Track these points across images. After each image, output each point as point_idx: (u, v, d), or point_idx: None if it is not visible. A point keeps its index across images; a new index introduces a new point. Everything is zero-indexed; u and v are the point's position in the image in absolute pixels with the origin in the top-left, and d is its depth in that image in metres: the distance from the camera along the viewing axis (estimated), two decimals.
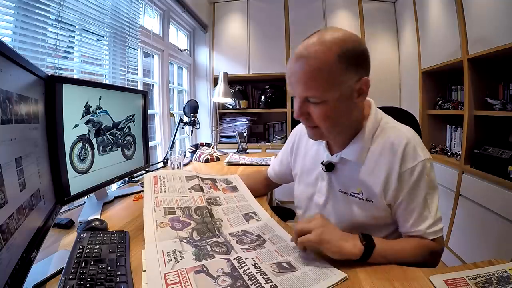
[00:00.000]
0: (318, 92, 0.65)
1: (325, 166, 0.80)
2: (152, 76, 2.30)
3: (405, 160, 0.70)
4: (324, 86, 0.65)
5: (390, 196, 0.72)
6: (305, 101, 0.69)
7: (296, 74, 0.66)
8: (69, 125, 0.83)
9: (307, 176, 0.89)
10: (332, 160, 0.80)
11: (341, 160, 0.78)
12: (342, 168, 0.79)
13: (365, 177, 0.74)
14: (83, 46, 1.42)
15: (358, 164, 0.75)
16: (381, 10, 2.91)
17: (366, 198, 0.75)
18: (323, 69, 0.63)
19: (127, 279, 0.54)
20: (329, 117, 0.69)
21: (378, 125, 0.76)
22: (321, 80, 0.64)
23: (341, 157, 0.78)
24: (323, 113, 0.68)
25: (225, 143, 2.93)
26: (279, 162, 1.08)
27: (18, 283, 0.44)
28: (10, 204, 0.45)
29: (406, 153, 0.70)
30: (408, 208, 0.71)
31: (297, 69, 0.65)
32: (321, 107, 0.67)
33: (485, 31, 1.63)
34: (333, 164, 0.80)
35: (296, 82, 0.67)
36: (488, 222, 1.61)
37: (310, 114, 0.70)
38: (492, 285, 0.52)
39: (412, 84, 2.57)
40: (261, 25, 2.95)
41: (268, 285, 0.54)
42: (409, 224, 0.71)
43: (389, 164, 0.71)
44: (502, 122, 1.81)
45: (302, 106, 0.69)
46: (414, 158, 0.70)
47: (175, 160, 1.44)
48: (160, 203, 0.80)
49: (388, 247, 0.65)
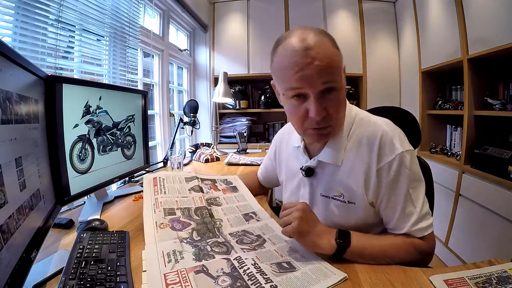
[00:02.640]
0: (336, 75, 0.64)
1: (305, 171, 0.78)
2: (152, 76, 2.30)
3: (381, 155, 0.67)
4: (337, 70, 0.64)
5: (371, 194, 0.70)
6: (321, 96, 0.63)
7: (313, 64, 0.60)
8: (69, 125, 0.83)
9: (291, 182, 0.88)
10: (310, 164, 0.78)
11: (319, 163, 0.76)
12: (321, 172, 0.77)
13: (344, 178, 0.72)
14: (83, 46, 1.42)
15: (336, 166, 0.73)
16: (381, 10, 2.91)
17: (348, 201, 0.73)
18: (332, 55, 0.63)
19: (127, 279, 0.54)
20: (341, 105, 0.68)
21: (353, 121, 0.74)
22: (334, 63, 0.63)
23: (318, 160, 0.76)
24: (338, 100, 0.66)
25: (225, 143, 2.93)
26: (264, 168, 1.09)
27: (18, 283, 0.44)
28: (10, 204, 0.45)
29: (382, 147, 0.68)
30: (388, 205, 0.69)
31: (313, 58, 0.60)
32: (335, 95, 0.65)
33: (485, 31, 1.63)
34: (312, 169, 0.78)
35: (317, 71, 0.61)
36: (488, 222, 1.61)
37: (326, 109, 0.65)
38: (492, 285, 0.52)
39: (412, 84, 2.57)
40: (261, 25, 2.95)
41: (268, 285, 0.54)
42: (393, 222, 0.69)
43: (367, 161, 0.69)
44: (502, 122, 1.81)
45: (321, 102, 0.64)
46: (391, 151, 0.67)
47: (175, 160, 1.44)
48: (160, 204, 0.80)
49: (366, 245, 0.65)
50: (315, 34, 0.63)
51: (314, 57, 0.60)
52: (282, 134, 0.96)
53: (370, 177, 0.69)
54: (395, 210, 0.68)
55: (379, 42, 2.91)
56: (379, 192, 0.69)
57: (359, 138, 0.72)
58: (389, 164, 0.67)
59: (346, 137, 0.73)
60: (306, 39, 0.62)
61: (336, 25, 2.89)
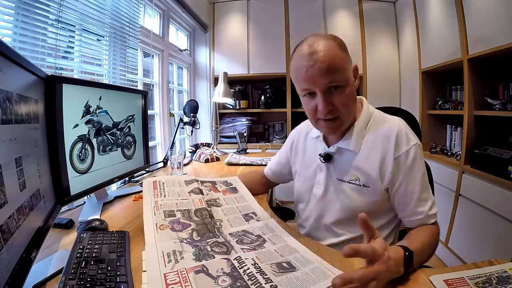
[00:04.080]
0: (339, 74, 0.71)
1: (323, 157, 0.85)
2: (152, 76, 2.30)
3: (399, 145, 0.75)
4: (343, 68, 0.72)
5: (387, 180, 0.76)
6: (327, 92, 0.73)
7: (315, 66, 0.70)
8: (69, 125, 0.83)
9: (306, 170, 0.93)
10: (330, 151, 0.85)
11: (338, 150, 0.83)
12: (339, 158, 0.84)
13: (361, 163, 0.79)
14: (83, 46, 1.42)
15: (354, 152, 0.80)
16: (381, 10, 2.91)
17: (363, 184, 0.78)
18: (336, 56, 0.71)
19: (127, 279, 0.54)
20: (349, 100, 0.75)
21: (370, 117, 0.83)
22: (339, 64, 0.71)
23: (338, 147, 0.83)
24: (346, 95, 0.74)
25: (225, 143, 2.93)
26: (277, 161, 1.12)
27: (18, 283, 0.44)
28: (10, 204, 0.45)
29: (400, 138, 0.76)
30: (407, 190, 0.75)
31: (315, 62, 0.70)
32: (343, 90, 0.73)
33: (485, 31, 1.63)
34: (330, 155, 0.85)
35: (318, 72, 0.70)
36: (488, 222, 1.61)
37: (333, 104, 0.74)
38: (492, 285, 0.52)
39: (412, 84, 2.57)
40: (261, 25, 2.95)
41: (268, 285, 0.54)
42: (410, 207, 0.74)
43: (384, 150, 0.76)
44: (502, 122, 1.81)
45: (327, 98, 0.73)
46: (407, 142, 0.75)
47: (175, 160, 1.44)
48: (160, 207, 0.81)
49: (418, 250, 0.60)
50: (323, 39, 0.72)
51: (317, 59, 0.70)
52: (301, 128, 1.03)
53: (387, 165, 0.76)
54: (413, 194, 0.74)
55: (379, 42, 2.91)
56: (396, 178, 0.75)
57: (377, 130, 0.80)
58: (406, 152, 0.75)
59: (364, 128, 0.81)
60: (313, 44, 0.72)
61: (336, 25, 2.89)
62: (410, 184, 0.74)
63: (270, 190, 1.24)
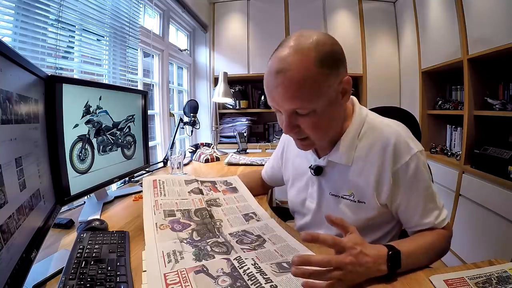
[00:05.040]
0: (306, 103, 0.61)
1: (314, 170, 0.78)
2: (152, 76, 2.30)
3: (398, 156, 0.67)
4: (311, 96, 0.60)
5: (384, 196, 0.69)
6: (293, 114, 0.64)
7: (279, 89, 0.61)
8: (69, 125, 0.83)
9: (299, 181, 0.87)
10: (320, 163, 0.77)
11: (329, 163, 0.75)
12: (331, 171, 0.76)
13: (355, 178, 0.71)
14: (83, 46, 1.42)
15: (347, 166, 0.72)
16: (381, 10, 2.91)
17: (358, 200, 0.72)
18: (306, 79, 0.58)
19: (127, 279, 0.54)
20: (321, 126, 0.66)
21: (363, 122, 0.73)
22: (307, 90, 0.59)
23: (328, 160, 0.75)
24: (314, 122, 0.64)
25: (225, 143, 2.93)
26: (271, 165, 1.08)
27: (18, 283, 0.44)
28: (10, 204, 0.45)
29: (397, 149, 0.67)
30: (409, 205, 0.69)
31: (279, 84, 0.60)
32: (311, 117, 0.64)
33: (485, 31, 1.63)
34: (321, 167, 0.77)
35: (281, 97, 0.62)
36: (488, 222, 1.61)
37: (300, 126, 0.66)
38: (492, 285, 0.52)
39: (412, 84, 2.57)
40: (261, 25, 2.95)
41: (268, 285, 0.54)
42: (415, 220, 0.69)
43: (380, 162, 0.68)
44: (502, 122, 1.81)
45: (291, 120, 0.65)
46: (407, 152, 0.67)
47: (175, 160, 1.44)
48: (159, 206, 0.81)
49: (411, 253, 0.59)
50: (295, 52, 0.59)
51: (282, 82, 0.60)
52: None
53: (383, 179, 0.68)
54: (416, 209, 0.68)
55: (379, 42, 2.91)
56: (396, 193, 0.68)
57: (371, 138, 0.71)
58: (406, 164, 0.67)
59: (357, 137, 0.72)
60: (284, 58, 0.59)
61: (336, 25, 2.89)
62: (413, 199, 0.68)
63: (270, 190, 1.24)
